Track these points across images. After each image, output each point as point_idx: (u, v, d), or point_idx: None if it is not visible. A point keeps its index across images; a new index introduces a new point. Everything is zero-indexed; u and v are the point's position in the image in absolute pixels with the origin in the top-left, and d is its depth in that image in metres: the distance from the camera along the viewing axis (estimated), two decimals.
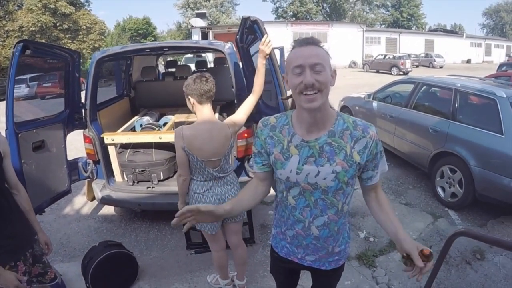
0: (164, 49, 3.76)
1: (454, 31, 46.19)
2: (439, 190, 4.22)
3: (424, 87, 4.92)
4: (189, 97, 2.10)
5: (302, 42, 1.20)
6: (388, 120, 5.29)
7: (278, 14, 45.60)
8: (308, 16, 43.25)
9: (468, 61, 37.94)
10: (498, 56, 40.30)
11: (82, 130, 3.42)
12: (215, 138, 2.13)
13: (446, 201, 4.11)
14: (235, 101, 3.19)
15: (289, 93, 1.32)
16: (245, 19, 2.63)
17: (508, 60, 15.64)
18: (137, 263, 2.84)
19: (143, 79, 4.65)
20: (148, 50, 3.48)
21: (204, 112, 2.14)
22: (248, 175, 3.26)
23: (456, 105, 4.13)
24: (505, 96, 3.62)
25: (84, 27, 29.32)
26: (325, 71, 1.15)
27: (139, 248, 3.33)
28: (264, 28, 2.31)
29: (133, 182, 3.43)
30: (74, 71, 3.28)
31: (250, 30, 2.65)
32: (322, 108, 1.20)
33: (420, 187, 4.69)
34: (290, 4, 44.16)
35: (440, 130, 4.17)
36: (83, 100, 3.41)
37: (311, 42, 1.20)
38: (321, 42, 1.24)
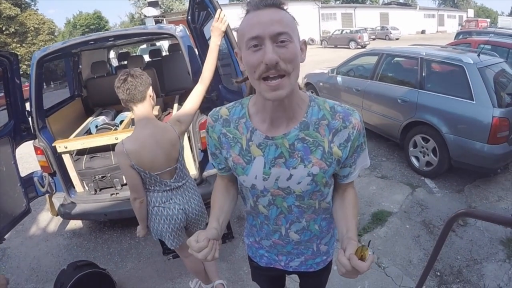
0: (110, 39, 3.41)
1: (407, 4, 47.42)
2: (413, 160, 4.22)
3: (388, 58, 4.85)
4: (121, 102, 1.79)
5: (258, 4, 0.86)
6: (354, 94, 5.22)
7: None
8: None
9: (423, 32, 39.25)
10: (451, 26, 41.87)
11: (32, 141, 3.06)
12: (160, 143, 1.82)
13: (421, 170, 4.11)
14: None
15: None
16: None
17: (461, 29, 16.14)
18: (113, 280, 2.61)
19: (94, 76, 4.27)
20: (92, 42, 3.13)
21: (137, 112, 1.79)
22: None
23: (423, 74, 4.09)
24: (472, 62, 3.60)
25: (32, 28, 27.40)
26: (292, 42, 0.84)
27: (113, 260, 3.09)
28: (217, 1, 2.03)
29: (95, 190, 3.12)
30: (13, 77, 2.90)
31: (201, 6, 2.36)
32: (290, 93, 0.89)
33: (393, 158, 4.68)
34: None
35: (409, 100, 4.13)
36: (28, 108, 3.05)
37: (271, 3, 0.86)
38: (285, 3, 0.89)
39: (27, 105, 3.04)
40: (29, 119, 3.04)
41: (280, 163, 1.00)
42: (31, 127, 3.03)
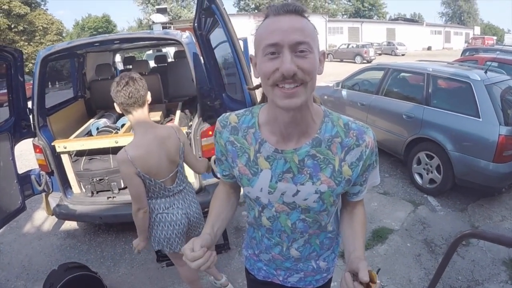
0: (115, 42, 3.40)
1: (414, 20, 47.66)
2: (417, 177, 4.16)
3: (394, 73, 4.82)
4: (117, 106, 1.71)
5: (279, 9, 0.81)
6: (358, 108, 5.17)
7: (240, 7, 45.16)
8: None
9: (429, 48, 39.35)
10: (458, 43, 42.04)
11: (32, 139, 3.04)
12: (163, 146, 1.78)
13: (424, 187, 4.05)
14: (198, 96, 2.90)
15: (257, 81, 0.96)
16: None
17: (467, 46, 16.29)
18: (104, 284, 2.54)
19: (98, 78, 4.25)
20: (97, 44, 3.12)
21: (137, 117, 1.72)
22: (216, 176, 2.95)
23: (430, 90, 4.06)
24: (479, 79, 3.57)
25: (41, 27, 27.67)
26: (312, 53, 0.79)
27: (106, 265, 3.03)
28: (224, 8, 2.00)
29: (92, 193, 3.08)
30: (17, 73, 2.89)
31: (208, 12, 2.31)
32: (304, 106, 0.86)
33: (396, 174, 4.62)
34: None
35: (414, 116, 4.09)
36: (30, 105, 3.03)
37: (292, 9, 0.81)
38: (307, 11, 0.84)
39: (30, 103, 3.03)
40: (30, 116, 3.02)
41: (287, 178, 0.96)
42: (32, 124, 3.01)
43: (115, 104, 1.70)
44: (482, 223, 3.43)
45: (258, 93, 1.66)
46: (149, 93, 1.75)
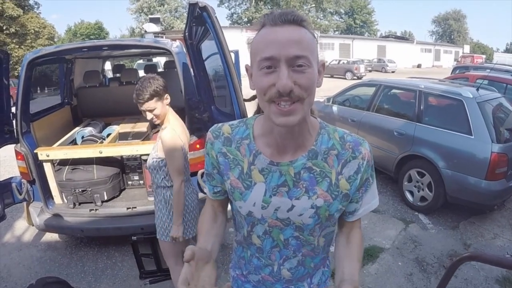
0: (104, 48, 3.30)
1: (405, 38, 48.65)
2: (407, 194, 4.12)
3: (386, 90, 4.82)
4: (167, 95, 2.01)
5: (277, 19, 0.76)
6: (349, 124, 5.11)
7: (233, 20, 45.68)
8: None
9: (419, 66, 40.12)
10: (447, 61, 43.03)
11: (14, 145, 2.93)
12: (186, 130, 2.12)
13: (415, 205, 4.01)
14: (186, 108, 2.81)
15: (250, 92, 0.94)
16: (193, 5, 2.18)
17: (457, 64, 16.60)
18: None
19: (86, 85, 4.15)
20: (85, 49, 3.03)
21: (167, 106, 2.06)
22: (202, 191, 2.79)
23: (421, 107, 4.06)
24: (471, 96, 3.58)
25: (33, 31, 27.39)
26: (310, 67, 0.75)
27: (86, 280, 2.89)
28: (216, 17, 1.96)
29: (74, 204, 2.96)
30: (1, 75, 2.79)
31: (199, 20, 2.26)
32: (302, 121, 0.82)
33: (387, 192, 4.57)
34: (245, 10, 44.36)
35: (405, 133, 4.07)
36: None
37: (290, 19, 0.75)
38: (307, 20, 0.79)
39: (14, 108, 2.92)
40: (14, 122, 2.91)
41: (282, 191, 0.90)
42: (15, 130, 2.90)
43: (165, 97, 1.99)
44: (474, 240, 3.40)
45: (248, 105, 1.58)
46: None
